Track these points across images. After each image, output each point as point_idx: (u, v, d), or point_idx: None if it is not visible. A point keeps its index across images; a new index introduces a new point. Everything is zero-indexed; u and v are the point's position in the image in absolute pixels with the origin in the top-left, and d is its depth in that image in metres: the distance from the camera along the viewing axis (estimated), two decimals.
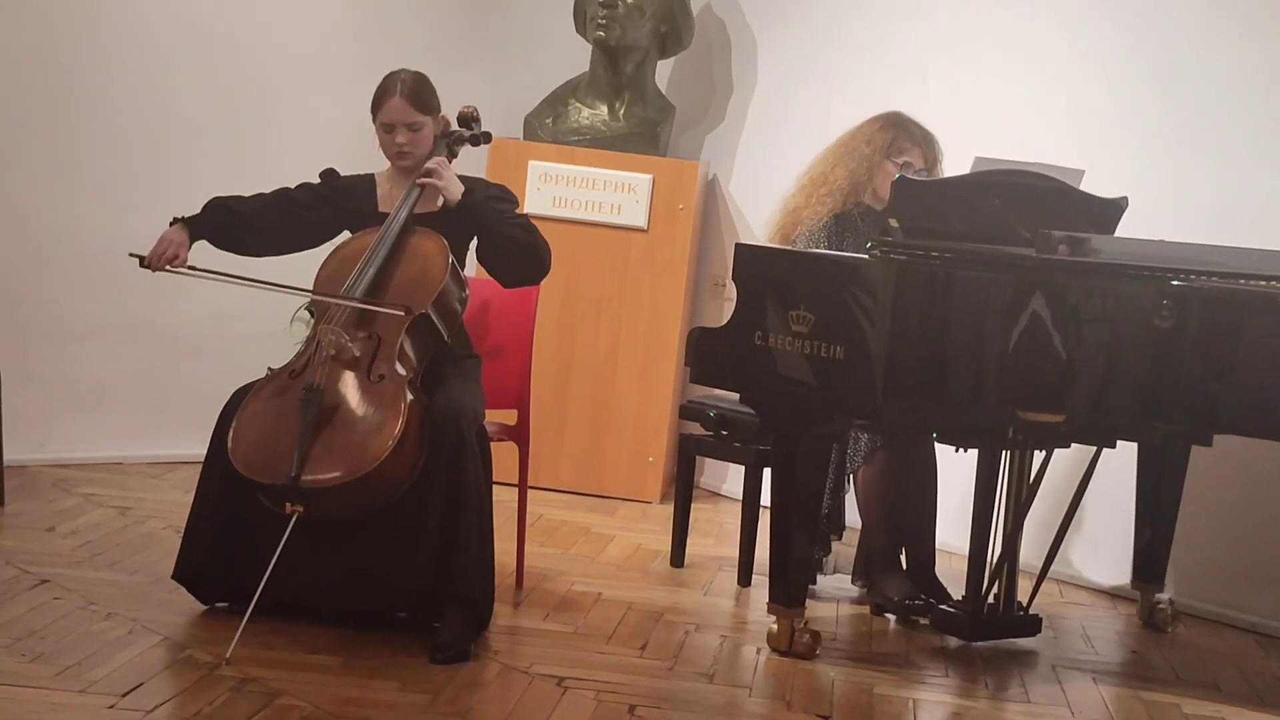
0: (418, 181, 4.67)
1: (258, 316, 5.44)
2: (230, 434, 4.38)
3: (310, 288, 4.64)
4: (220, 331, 6.38)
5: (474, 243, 4.85)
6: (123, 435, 6.31)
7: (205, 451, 4.51)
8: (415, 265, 4.60)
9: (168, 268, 4.60)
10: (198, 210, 4.73)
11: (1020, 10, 6.18)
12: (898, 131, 5.23)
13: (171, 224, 4.67)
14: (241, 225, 4.73)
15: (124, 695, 3.81)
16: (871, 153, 5.22)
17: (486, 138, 5.05)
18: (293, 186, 4.81)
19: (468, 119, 4.99)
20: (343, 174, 4.85)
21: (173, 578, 4.53)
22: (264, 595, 4.21)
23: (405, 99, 4.68)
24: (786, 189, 5.38)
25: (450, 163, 4.89)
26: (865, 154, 5.22)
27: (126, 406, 6.33)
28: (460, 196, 4.66)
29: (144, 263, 4.59)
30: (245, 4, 6.47)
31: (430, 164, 4.68)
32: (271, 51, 6.52)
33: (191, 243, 4.65)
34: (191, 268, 4.62)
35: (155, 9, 6.26)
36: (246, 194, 4.83)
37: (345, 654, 4.26)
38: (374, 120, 4.74)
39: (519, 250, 4.71)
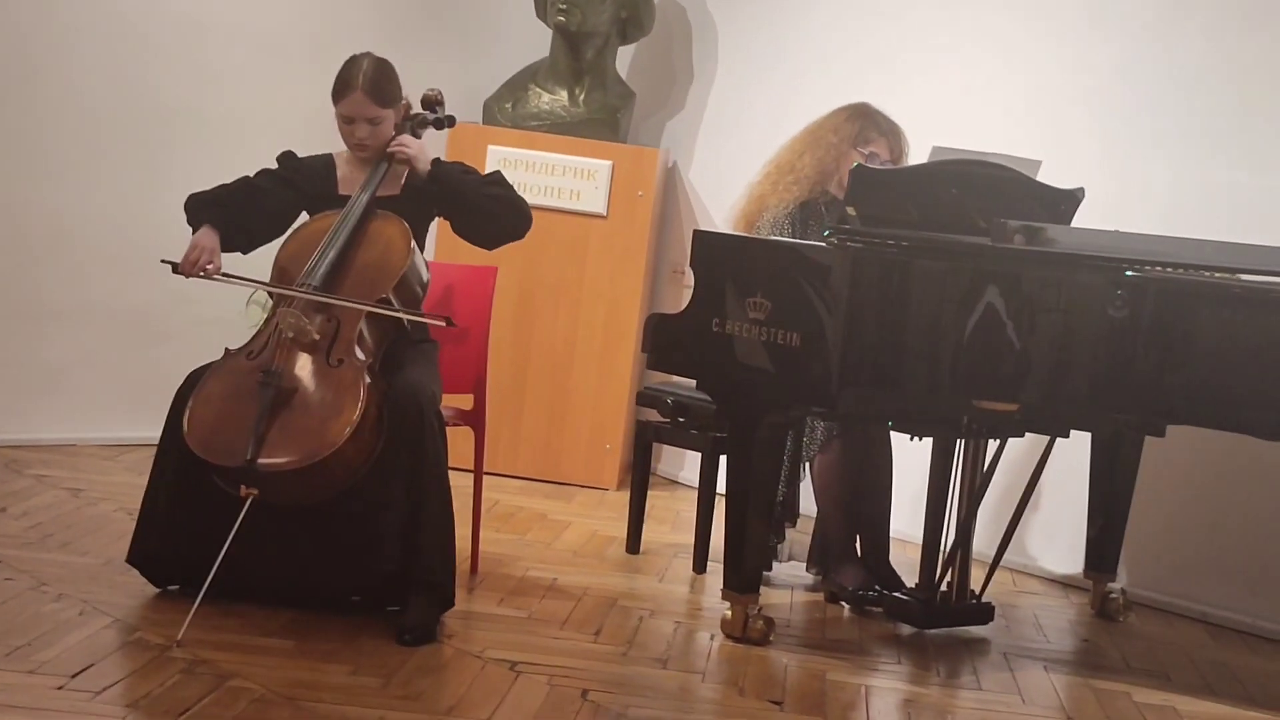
0: (389, 151, 4.65)
1: (213, 299, 5.42)
2: (186, 415, 4.35)
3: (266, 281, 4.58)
4: (176, 314, 6.35)
5: (434, 225, 4.84)
6: (76, 417, 6.28)
7: (159, 434, 4.49)
8: (377, 250, 4.58)
9: (201, 275, 4.55)
10: (181, 206, 4.66)
11: (983, 4, 6.19)
12: (865, 122, 5.25)
13: (196, 223, 4.59)
14: (228, 220, 4.68)
15: (73, 676, 3.79)
16: (839, 142, 5.23)
17: (450, 121, 5.03)
18: (253, 175, 4.77)
19: (432, 102, 4.98)
20: (301, 155, 4.82)
21: (127, 560, 4.51)
22: (218, 578, 4.19)
23: (366, 93, 4.63)
24: (752, 176, 5.38)
25: None
26: (832, 143, 5.23)
27: (80, 388, 6.29)
28: (430, 166, 4.65)
29: (176, 269, 4.53)
30: None
31: (396, 143, 4.65)
32: (235, 34, 6.50)
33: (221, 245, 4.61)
34: (225, 274, 4.57)
35: None
36: (209, 176, 4.78)
37: (297, 637, 4.25)
38: (335, 107, 4.71)
39: (500, 206, 4.71)
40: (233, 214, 4.66)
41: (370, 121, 4.66)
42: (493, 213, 4.72)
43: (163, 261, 4.53)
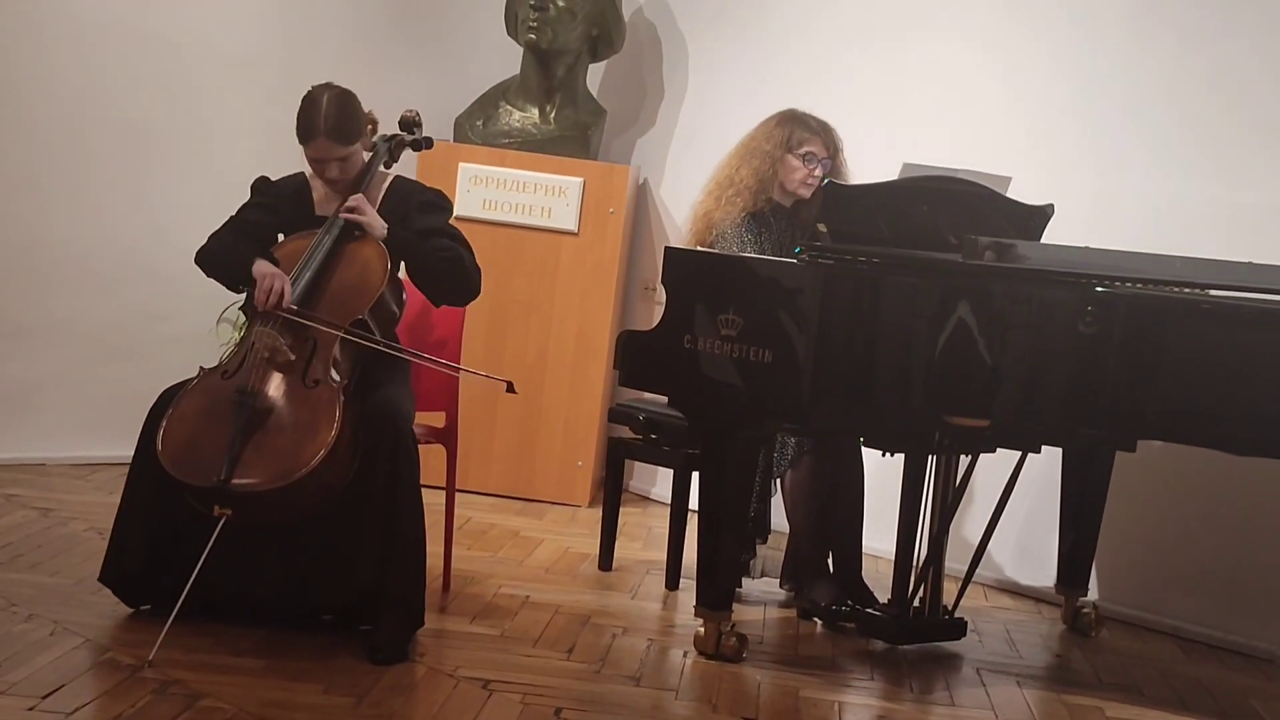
0: (341, 215, 4.61)
1: (184, 317, 5.42)
2: (160, 433, 4.33)
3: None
4: (147, 332, 6.33)
5: None
6: (46, 436, 6.25)
7: (131, 453, 4.47)
8: (354, 271, 4.56)
9: (280, 310, 4.44)
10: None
11: (949, 19, 6.21)
12: (794, 125, 5.28)
13: (255, 260, 4.51)
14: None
15: (44, 697, 3.77)
16: (772, 149, 5.26)
17: (428, 143, 5.02)
18: (236, 212, 4.74)
19: (409, 123, 4.98)
20: (274, 178, 4.81)
21: (99, 580, 4.49)
22: (191, 597, 4.18)
23: (330, 137, 4.58)
24: (694, 197, 5.40)
25: (390, 167, 4.87)
26: (767, 151, 5.27)
27: (50, 407, 6.27)
28: (384, 234, 4.60)
29: (256, 307, 4.46)
30: (177, 5, 6.43)
31: (350, 202, 4.61)
32: (203, 52, 6.49)
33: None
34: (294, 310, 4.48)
35: (91, 10, 6.22)
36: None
37: (270, 656, 4.23)
38: (302, 148, 4.66)
39: (444, 282, 4.69)
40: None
41: (339, 160, 4.65)
42: (437, 284, 4.70)
43: (240, 309, 4.45)
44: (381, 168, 4.82)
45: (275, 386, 4.38)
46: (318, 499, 4.31)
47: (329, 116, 4.57)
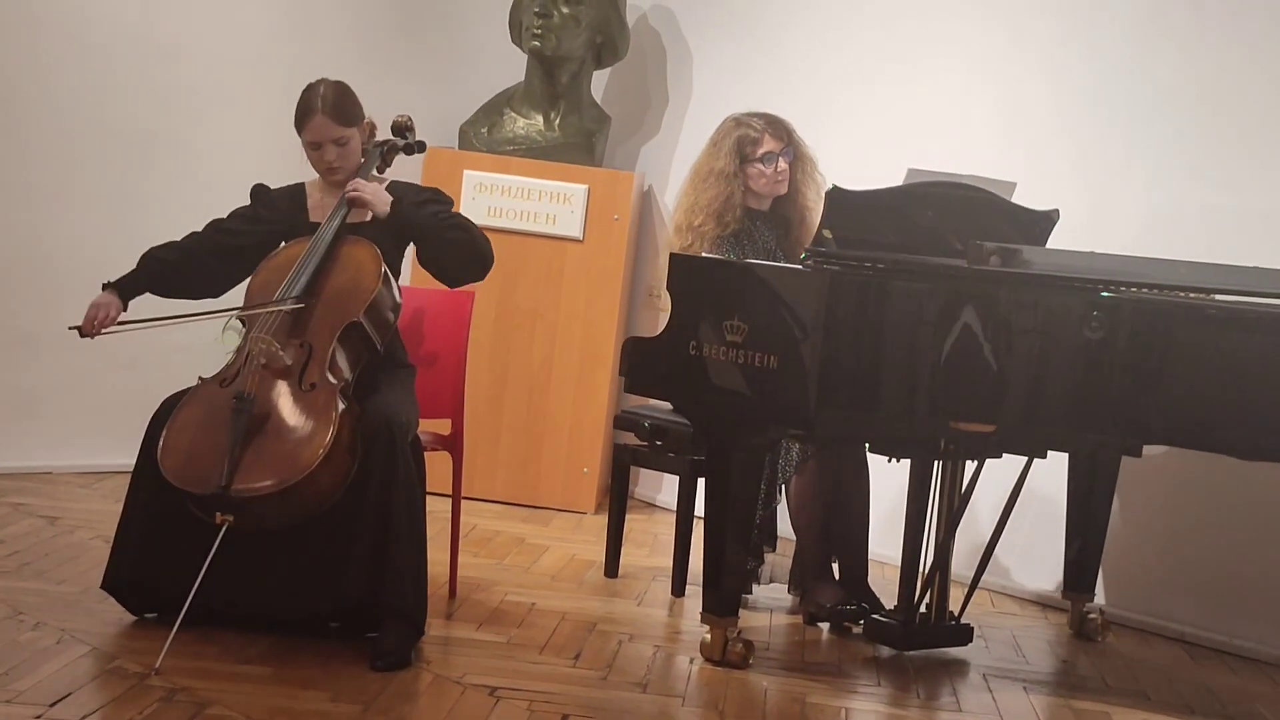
0: (346, 196, 4.65)
1: (189, 326, 5.39)
2: (160, 443, 4.35)
3: (238, 305, 4.60)
4: (151, 341, 6.28)
5: (411, 249, 4.85)
6: (52, 444, 6.26)
7: (135, 461, 4.48)
8: (348, 273, 4.58)
9: (103, 331, 4.58)
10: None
11: (957, 24, 6.22)
12: (739, 137, 5.26)
13: (103, 289, 4.65)
14: (174, 273, 4.73)
15: (52, 705, 3.77)
16: (727, 166, 5.22)
17: (420, 146, 5.04)
18: (224, 216, 4.78)
19: (402, 128, 4.99)
20: (274, 185, 4.82)
21: (102, 587, 4.49)
22: (195, 605, 4.18)
23: (328, 115, 4.65)
24: (666, 238, 5.36)
25: (384, 171, 4.88)
26: (723, 170, 5.22)
27: (56, 416, 6.27)
28: (389, 209, 4.65)
29: (82, 332, 4.57)
30: (182, 11, 6.44)
31: (350, 187, 4.64)
32: (208, 59, 6.50)
33: (125, 302, 4.64)
34: (122, 322, 4.59)
35: (93, 15, 6.23)
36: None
37: (276, 664, 4.23)
38: (300, 136, 4.72)
39: (459, 250, 4.70)
40: (168, 265, 4.71)
41: (337, 143, 4.67)
42: (450, 256, 4.71)
43: (69, 328, 4.57)
44: (375, 171, 4.83)
45: (272, 391, 4.38)
46: (319, 502, 4.31)
47: (326, 97, 4.67)
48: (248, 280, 4.68)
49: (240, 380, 4.41)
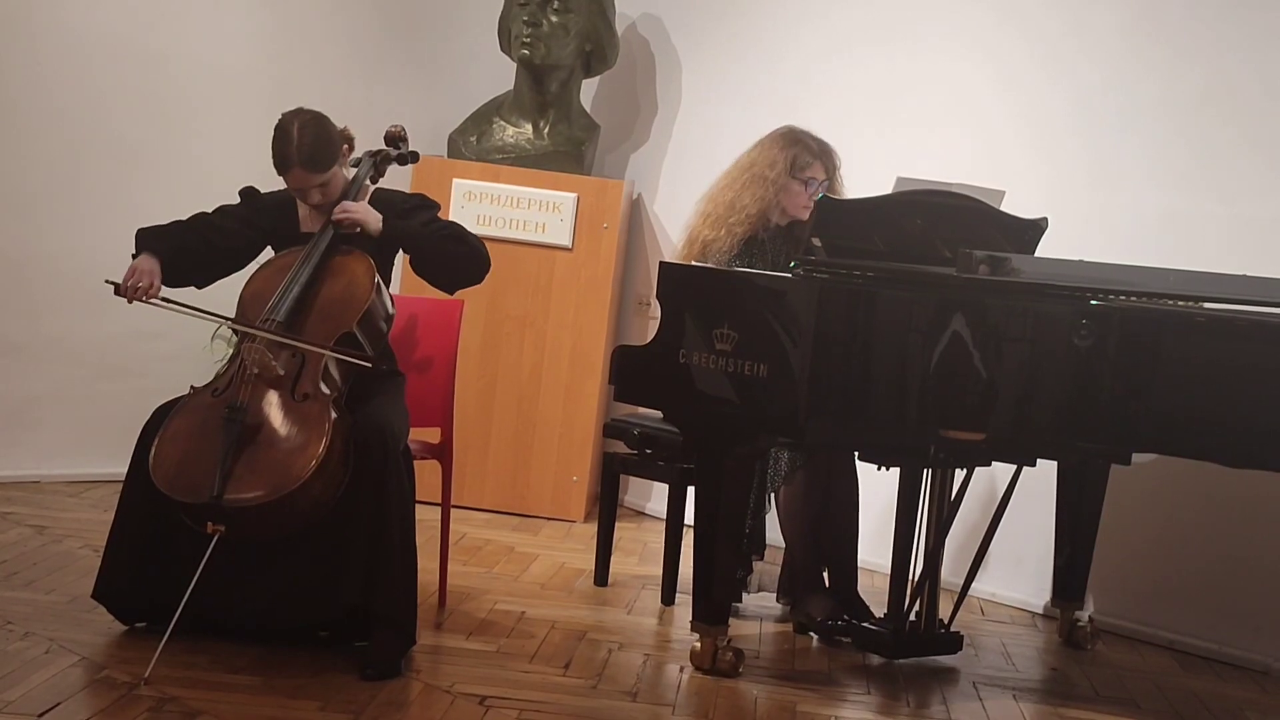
0: (334, 221, 4.62)
1: (178, 335, 5.41)
2: (152, 452, 4.34)
3: (256, 322, 4.51)
4: (141, 350, 6.32)
5: (399, 257, 4.84)
6: (40, 454, 6.24)
7: (124, 470, 4.47)
8: (340, 285, 4.57)
9: (141, 299, 4.50)
10: (132, 241, 4.63)
11: (943, 34, 6.22)
12: (797, 149, 5.26)
13: (139, 251, 4.56)
14: (182, 255, 4.65)
15: (40, 715, 3.77)
16: (776, 176, 5.23)
17: (414, 157, 5.04)
18: (210, 211, 4.75)
19: (395, 138, 4.99)
20: (264, 190, 4.81)
21: (92, 596, 4.48)
22: (185, 614, 4.17)
23: (304, 167, 4.58)
24: (689, 219, 5.37)
25: (377, 181, 4.87)
26: (771, 178, 5.23)
27: (44, 425, 6.26)
28: (381, 227, 4.64)
29: (118, 290, 4.48)
30: (170, 20, 6.44)
31: (340, 210, 4.62)
32: (197, 68, 6.49)
33: (162, 272, 4.55)
34: (165, 299, 4.53)
35: (80, 25, 6.22)
36: (171, 211, 4.77)
37: (266, 673, 4.23)
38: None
39: (455, 258, 4.70)
40: (182, 248, 4.63)
41: (319, 187, 4.65)
42: (445, 265, 4.72)
43: (106, 282, 4.47)
44: (368, 182, 4.83)
45: (264, 402, 4.38)
46: (310, 512, 4.31)
47: (302, 147, 4.56)
48: (241, 285, 4.67)
49: (232, 390, 4.40)
